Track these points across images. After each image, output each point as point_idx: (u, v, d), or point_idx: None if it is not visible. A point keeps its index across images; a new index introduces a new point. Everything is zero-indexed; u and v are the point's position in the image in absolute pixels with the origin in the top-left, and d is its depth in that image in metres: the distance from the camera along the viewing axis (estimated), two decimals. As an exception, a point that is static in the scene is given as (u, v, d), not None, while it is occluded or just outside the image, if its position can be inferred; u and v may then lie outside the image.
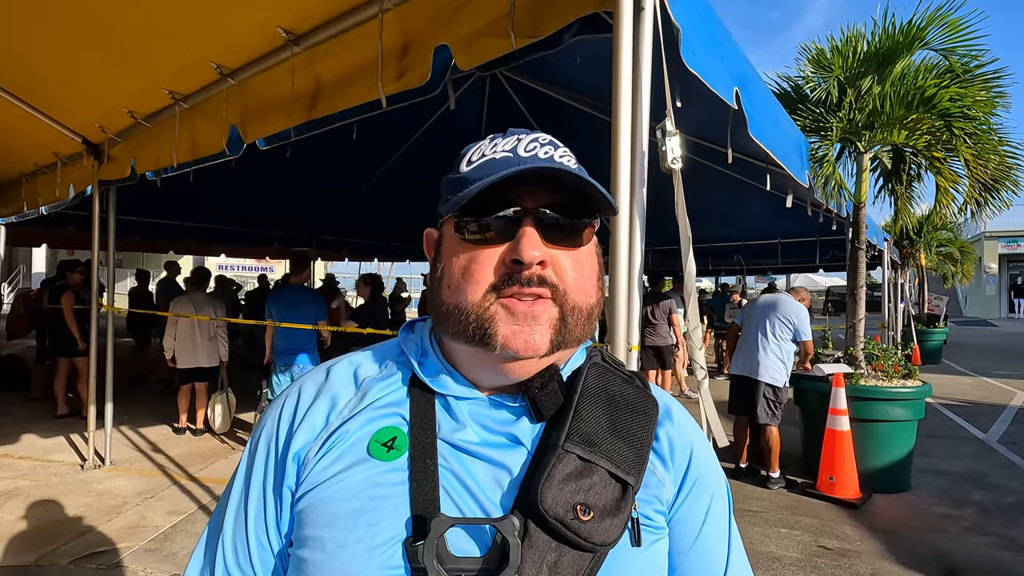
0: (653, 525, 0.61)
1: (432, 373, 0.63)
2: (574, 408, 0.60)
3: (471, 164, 0.61)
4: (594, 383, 0.63)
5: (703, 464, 0.67)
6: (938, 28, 3.97)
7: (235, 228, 9.43)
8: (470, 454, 0.59)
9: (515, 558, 0.52)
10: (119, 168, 4.13)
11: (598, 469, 0.57)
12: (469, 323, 0.57)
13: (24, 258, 20.59)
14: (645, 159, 1.58)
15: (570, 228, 0.60)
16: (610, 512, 0.55)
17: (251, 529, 0.62)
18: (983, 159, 3.96)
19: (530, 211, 0.58)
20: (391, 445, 0.59)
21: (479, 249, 0.59)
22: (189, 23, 2.65)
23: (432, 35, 2.03)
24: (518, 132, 0.63)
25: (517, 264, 0.56)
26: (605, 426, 0.60)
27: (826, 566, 3.20)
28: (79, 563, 3.06)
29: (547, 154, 0.60)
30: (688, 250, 1.56)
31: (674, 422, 0.67)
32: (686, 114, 1.79)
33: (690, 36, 1.70)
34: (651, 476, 0.62)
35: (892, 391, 4.39)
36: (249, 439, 0.68)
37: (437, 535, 0.52)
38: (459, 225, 0.60)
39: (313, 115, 2.50)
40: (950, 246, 14.11)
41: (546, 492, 0.54)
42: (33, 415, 6.05)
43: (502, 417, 0.61)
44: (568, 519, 0.53)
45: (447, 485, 0.57)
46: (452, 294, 0.59)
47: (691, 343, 1.61)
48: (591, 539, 0.53)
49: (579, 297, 0.59)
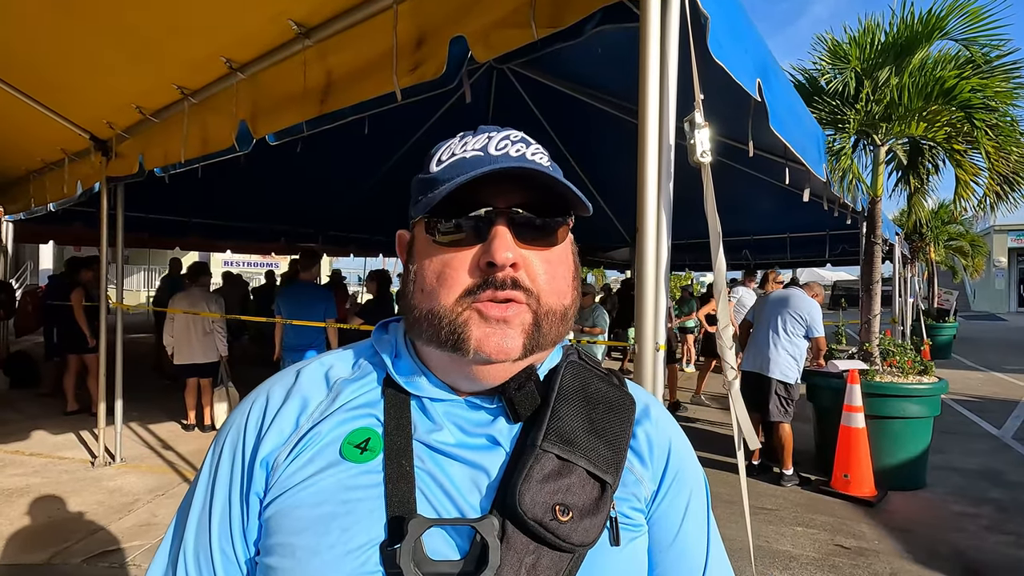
0: (632, 524, 0.60)
1: (407, 374, 0.62)
2: (551, 408, 0.59)
3: (441, 164, 0.60)
4: (571, 382, 0.62)
5: (681, 460, 0.66)
6: (959, 17, 3.88)
7: (241, 224, 9.42)
8: (447, 455, 0.58)
9: (495, 560, 0.51)
10: (127, 164, 4.09)
11: (576, 468, 0.56)
12: (442, 328, 0.56)
13: (31, 254, 20.64)
14: (671, 153, 1.53)
15: (543, 227, 0.59)
16: (589, 512, 0.55)
17: (215, 539, 0.59)
18: (1005, 151, 3.88)
19: (502, 211, 0.57)
20: (364, 447, 0.57)
21: (451, 252, 0.57)
22: (200, 18, 2.60)
23: (448, 27, 1.98)
24: (489, 129, 0.62)
25: (490, 267, 0.55)
26: (583, 425, 0.59)
27: (844, 565, 3.16)
28: (92, 561, 3.06)
29: (519, 152, 0.59)
30: (718, 247, 1.51)
31: (652, 419, 0.66)
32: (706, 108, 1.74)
33: (717, 26, 1.65)
34: (629, 474, 0.61)
35: (908, 387, 4.34)
36: (212, 443, 0.64)
37: (415, 537, 0.51)
38: (430, 227, 0.59)
39: (325, 109, 2.45)
40: (961, 240, 13.97)
41: (524, 493, 0.53)
42: (43, 411, 6.06)
43: (479, 418, 0.60)
44: (547, 520, 0.53)
45: (423, 487, 0.56)
46: (425, 299, 0.58)
47: (721, 342, 1.56)
48: (570, 540, 0.53)
49: (553, 300, 0.58)
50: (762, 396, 4.49)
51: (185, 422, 5.56)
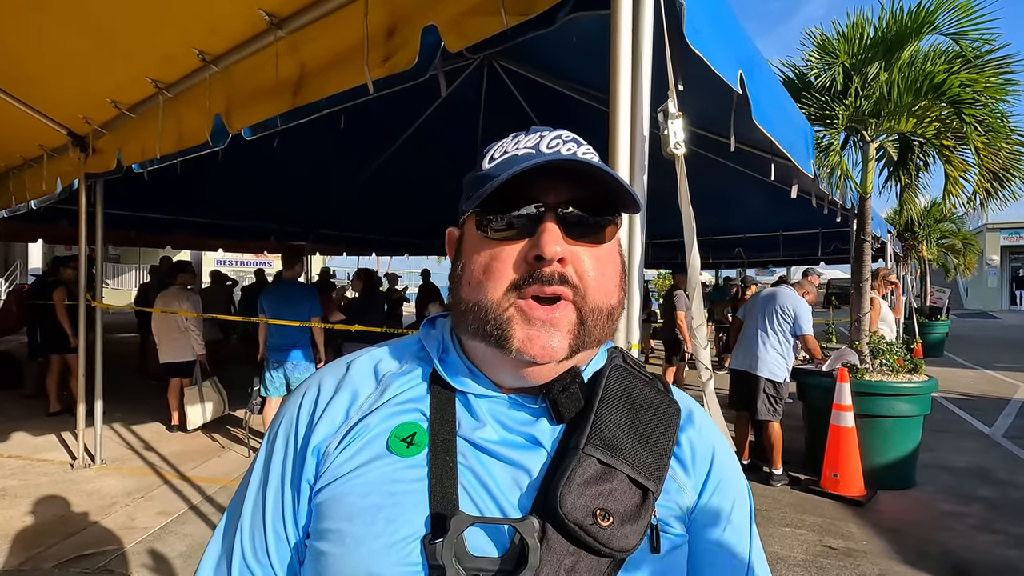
0: (673, 532, 0.60)
1: (452, 370, 0.63)
2: (595, 411, 0.59)
3: (493, 161, 0.61)
4: (615, 386, 0.62)
5: (724, 469, 0.65)
6: (948, 11, 3.84)
7: (230, 222, 9.33)
8: (489, 453, 0.59)
9: (534, 560, 0.51)
10: (105, 160, 4.01)
11: (618, 474, 0.56)
12: (487, 322, 0.57)
13: (21, 253, 20.48)
14: (646, 144, 1.47)
15: (593, 225, 0.59)
16: (630, 518, 0.55)
17: (268, 520, 0.62)
18: (994, 147, 3.84)
19: (552, 207, 0.57)
20: (411, 441, 0.59)
21: (500, 246, 0.58)
22: (170, 5, 2.53)
23: (419, 15, 1.92)
24: (541, 129, 0.63)
25: (538, 260, 0.55)
26: (626, 430, 0.59)
27: (832, 567, 3.11)
28: (65, 567, 2.98)
29: (570, 150, 0.60)
30: (692, 242, 1.45)
31: (696, 426, 0.66)
32: (687, 101, 1.68)
33: (694, 13, 1.59)
34: (671, 482, 0.61)
35: (898, 386, 4.30)
36: (268, 430, 0.67)
37: (457, 533, 0.52)
38: (480, 222, 0.59)
39: (298, 102, 2.39)
40: (953, 238, 13.98)
41: (566, 496, 0.53)
42: (25, 413, 5.97)
43: (521, 417, 0.61)
44: (587, 524, 0.53)
45: (466, 483, 0.57)
46: (472, 292, 0.59)
47: (696, 341, 1.51)
48: (610, 545, 0.53)
49: (599, 297, 0.58)
50: (751, 395, 4.45)
51: (170, 423, 5.48)
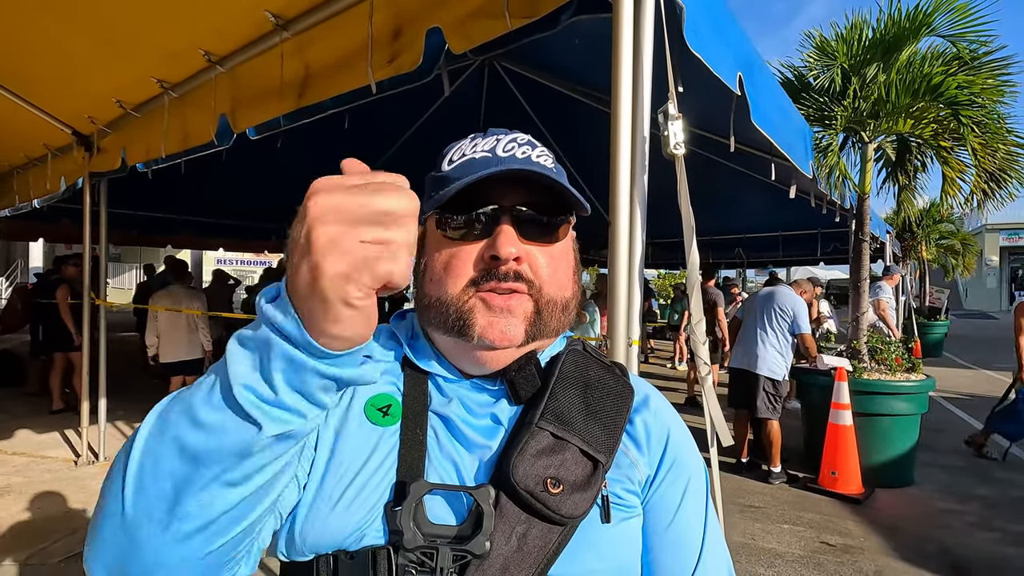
0: (624, 504, 0.63)
1: (421, 355, 0.67)
2: (550, 390, 0.63)
3: (452, 163, 0.64)
4: (571, 368, 0.66)
5: (680, 448, 0.68)
6: (945, 13, 3.87)
7: (232, 221, 9.35)
8: (456, 429, 0.62)
9: (488, 526, 0.54)
10: (110, 160, 4.04)
11: (570, 446, 0.60)
12: (449, 315, 0.60)
13: (22, 252, 20.50)
14: (647, 144, 1.50)
15: (545, 225, 0.63)
16: (580, 487, 0.58)
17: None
18: (991, 148, 3.87)
19: (507, 209, 0.61)
20: (386, 411, 0.62)
21: (459, 245, 0.61)
22: (176, 6, 2.56)
23: (424, 17, 1.95)
24: (497, 132, 0.66)
25: (495, 260, 0.59)
26: (579, 407, 0.63)
27: (829, 563, 3.15)
28: (70, 561, 3.01)
29: (524, 154, 0.63)
30: (691, 241, 1.49)
31: (651, 409, 0.69)
32: (686, 102, 1.71)
33: (694, 15, 1.62)
34: (623, 457, 0.64)
35: (895, 385, 4.34)
36: None
37: (415, 498, 0.55)
38: (440, 222, 0.63)
39: (303, 103, 2.42)
40: (952, 238, 14.01)
41: (518, 465, 0.57)
42: (29, 410, 6.00)
43: (483, 399, 0.65)
44: (538, 491, 0.56)
45: (433, 456, 0.60)
46: (434, 287, 0.62)
47: (695, 338, 1.54)
48: (559, 511, 0.56)
49: (554, 291, 0.62)
50: (750, 393, 4.48)
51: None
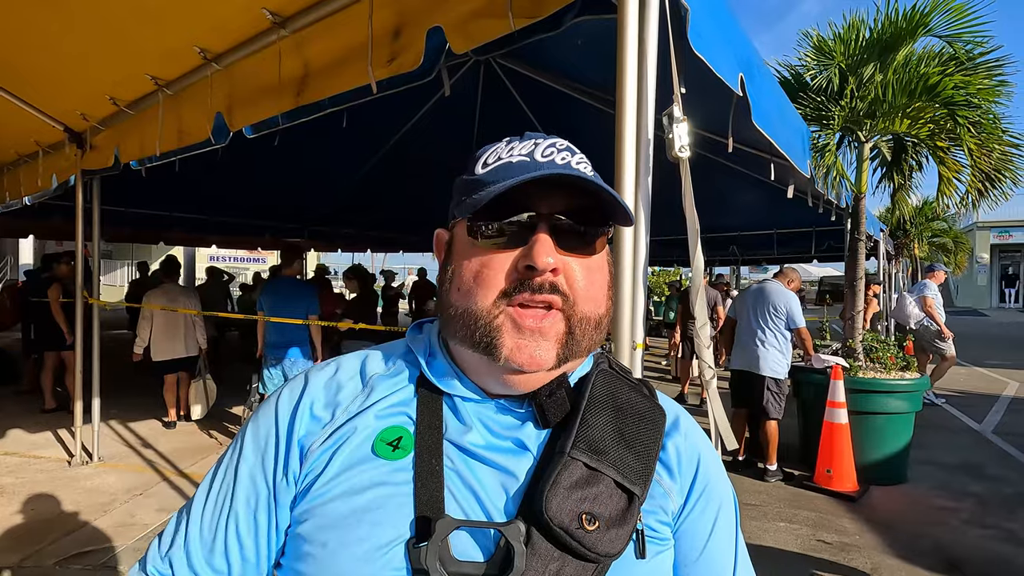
0: (658, 536, 0.60)
1: (439, 373, 0.63)
2: (581, 415, 0.59)
3: (487, 167, 0.60)
4: (601, 391, 0.62)
5: (710, 474, 0.66)
6: (942, 14, 3.89)
7: (226, 219, 9.28)
8: (476, 457, 0.58)
9: (520, 565, 0.51)
10: (102, 157, 3.99)
11: (604, 478, 0.56)
12: (476, 329, 0.56)
13: (11, 249, 20.27)
14: (651, 147, 1.50)
15: (584, 235, 0.59)
16: (616, 523, 0.54)
17: (241, 513, 0.61)
18: (987, 148, 3.90)
19: (545, 217, 0.57)
20: (396, 444, 0.59)
21: (491, 253, 0.58)
22: (172, 2, 2.53)
23: (425, 16, 1.93)
24: (535, 136, 0.62)
25: (530, 270, 0.55)
26: (612, 434, 0.59)
27: (826, 560, 3.17)
28: (65, 563, 2.99)
29: (564, 160, 0.60)
30: (696, 244, 1.48)
31: (681, 431, 0.66)
32: (686, 102, 1.71)
33: (698, 18, 1.62)
34: (657, 487, 0.61)
35: (891, 383, 4.37)
36: (248, 424, 0.66)
37: (441, 537, 0.52)
38: (472, 228, 0.59)
39: (301, 101, 2.39)
40: (944, 237, 14.12)
41: (551, 499, 0.53)
42: (21, 410, 5.94)
43: (508, 422, 0.61)
44: (573, 528, 0.52)
45: (452, 487, 0.57)
46: (462, 298, 0.58)
47: (699, 341, 1.54)
48: (595, 549, 0.53)
49: (588, 307, 0.58)
50: (754, 394, 4.49)
51: (166, 420, 5.48)
